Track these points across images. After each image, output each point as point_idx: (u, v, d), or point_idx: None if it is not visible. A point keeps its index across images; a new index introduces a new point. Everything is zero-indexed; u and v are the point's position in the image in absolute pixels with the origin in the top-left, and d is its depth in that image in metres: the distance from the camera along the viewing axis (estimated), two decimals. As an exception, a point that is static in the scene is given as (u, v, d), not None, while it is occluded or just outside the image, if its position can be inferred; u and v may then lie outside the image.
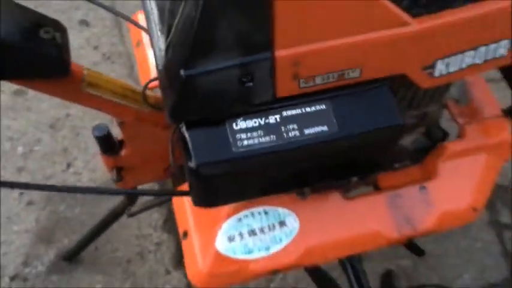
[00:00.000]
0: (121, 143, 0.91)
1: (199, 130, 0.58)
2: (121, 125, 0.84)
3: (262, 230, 0.80)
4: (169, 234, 1.37)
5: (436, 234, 1.26)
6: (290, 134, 0.58)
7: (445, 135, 0.89)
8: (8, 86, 1.63)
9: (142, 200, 1.15)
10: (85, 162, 1.48)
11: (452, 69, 0.62)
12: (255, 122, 0.58)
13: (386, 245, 0.82)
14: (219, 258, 0.78)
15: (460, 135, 0.87)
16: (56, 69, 0.65)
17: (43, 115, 1.56)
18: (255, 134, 0.58)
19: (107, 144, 0.87)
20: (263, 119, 0.58)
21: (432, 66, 0.61)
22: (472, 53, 0.62)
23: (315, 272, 0.97)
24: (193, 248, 0.80)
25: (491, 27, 0.61)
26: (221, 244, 0.79)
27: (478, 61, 0.63)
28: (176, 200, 0.85)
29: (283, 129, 0.58)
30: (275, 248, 0.80)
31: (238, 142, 0.57)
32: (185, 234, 0.82)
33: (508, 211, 1.38)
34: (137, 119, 0.82)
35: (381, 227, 0.82)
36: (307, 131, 0.58)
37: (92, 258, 1.34)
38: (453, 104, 0.88)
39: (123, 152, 0.91)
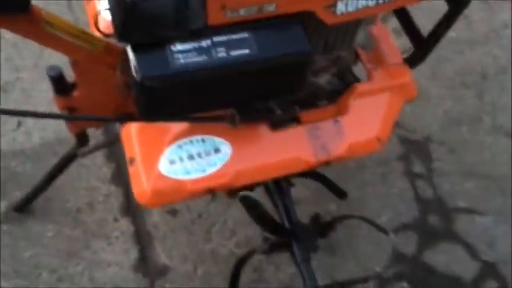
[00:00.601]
0: (73, 86, 1.01)
1: (143, 51, 0.70)
2: (73, 65, 0.94)
3: (199, 155, 0.93)
4: (117, 187, 1.47)
5: (353, 180, 1.49)
6: (219, 55, 0.71)
7: (356, 79, 1.05)
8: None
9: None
10: (35, 122, 1.55)
11: (350, 8, 0.77)
12: (190, 45, 0.71)
13: (305, 168, 0.97)
14: (161, 178, 0.91)
15: (368, 78, 1.02)
16: (17, 4, 0.75)
17: (-9, 78, 1.63)
18: (189, 54, 0.70)
19: (60, 85, 0.97)
20: (197, 43, 0.71)
21: (334, 5, 0.76)
22: (366, -5, 0.77)
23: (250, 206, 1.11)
24: (138, 172, 0.92)
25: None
26: (163, 167, 0.91)
27: (370, 3, 0.78)
28: (124, 131, 0.96)
29: (213, 52, 0.71)
30: (210, 171, 0.93)
31: (175, 60, 0.70)
32: (131, 160, 0.94)
33: (420, 163, 1.57)
34: (88, 59, 0.92)
35: (301, 154, 0.96)
36: (232, 53, 0.71)
37: (43, 209, 1.43)
38: (362, 51, 1.03)
39: (74, 93, 1.01)
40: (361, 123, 1.00)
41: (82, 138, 1.15)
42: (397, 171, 1.55)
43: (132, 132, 0.96)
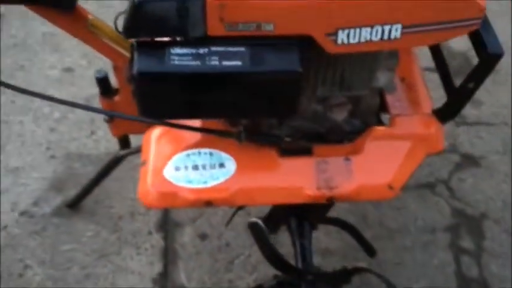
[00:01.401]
0: (117, 91, 1.11)
1: (145, 49, 0.77)
2: (115, 69, 1.05)
3: (204, 167, 0.97)
4: (160, 204, 1.55)
5: (391, 242, 1.41)
6: (212, 62, 0.76)
7: (379, 123, 1.03)
8: (61, 63, 1.90)
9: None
10: (105, 133, 1.70)
11: (352, 40, 0.78)
12: (188, 50, 0.76)
13: (305, 200, 0.96)
14: (164, 182, 0.95)
15: (390, 124, 1.01)
16: (63, 2, 0.87)
17: (82, 90, 1.82)
18: (185, 58, 0.76)
19: (104, 86, 1.08)
20: (194, 49, 0.77)
21: (335, 34, 0.77)
22: (368, 29, 0.77)
23: (258, 235, 1.11)
24: (146, 173, 0.98)
25: (386, 11, 0.77)
26: (168, 172, 0.96)
27: (374, 38, 0.78)
28: (145, 136, 1.03)
29: (207, 59, 0.76)
30: (211, 183, 0.96)
31: (171, 61, 0.76)
32: (144, 162, 1.00)
33: (470, 238, 1.46)
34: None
35: (303, 184, 0.96)
36: (224, 63, 0.76)
37: (91, 209, 1.54)
38: (390, 96, 1.02)
39: (116, 98, 1.11)
40: (374, 166, 0.98)
41: (124, 142, 1.25)
42: (441, 242, 1.46)
43: (151, 138, 1.03)
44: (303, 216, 1.17)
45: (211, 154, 0.98)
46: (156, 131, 1.02)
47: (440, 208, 1.52)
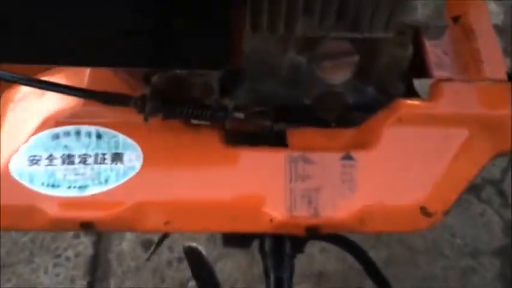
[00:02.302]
0: None
1: None
2: None
3: (84, 160, 0.54)
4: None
5: (414, 268, 0.99)
6: None
7: (411, 93, 0.59)
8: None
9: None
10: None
11: None
12: None
13: (267, 229, 0.53)
14: (7, 182, 0.53)
15: (432, 94, 0.56)
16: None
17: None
18: None
19: None
20: None
21: None
22: None
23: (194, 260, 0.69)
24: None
25: None
26: (17, 164, 0.54)
27: None
28: (3, 101, 0.61)
29: None
30: (94, 190, 0.53)
31: None
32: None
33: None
34: None
35: (265, 201, 0.53)
36: None
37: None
38: (432, 45, 0.58)
39: None
40: (395, 172, 0.54)
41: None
42: (487, 270, 1.02)
43: (9, 103, 0.60)
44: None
45: (99, 136, 0.55)
46: (17, 91, 0.60)
47: (487, 221, 1.08)
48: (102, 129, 0.54)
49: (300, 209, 0.52)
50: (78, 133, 0.54)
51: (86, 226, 0.52)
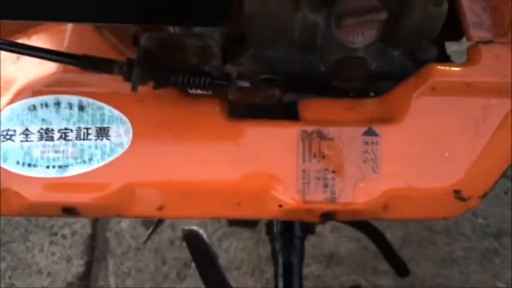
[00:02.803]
0: None
1: None
2: None
3: (65, 135, 0.47)
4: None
5: (433, 249, 0.93)
6: None
7: (444, 59, 0.51)
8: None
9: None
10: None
11: None
12: None
13: (273, 216, 0.47)
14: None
15: (469, 59, 0.48)
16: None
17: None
18: None
19: None
20: None
21: None
22: None
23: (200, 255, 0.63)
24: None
25: None
26: (-11, 140, 0.47)
27: None
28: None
29: None
30: (77, 170, 0.46)
31: None
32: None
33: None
34: None
35: (273, 184, 0.46)
36: None
37: None
38: (469, 1, 0.50)
39: None
40: (427, 149, 0.47)
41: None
42: (509, 260, 0.96)
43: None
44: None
45: (82, 108, 0.48)
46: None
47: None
48: (85, 100, 0.47)
49: (314, 193, 0.45)
50: (57, 104, 0.47)
51: (69, 211, 0.46)
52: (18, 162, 0.46)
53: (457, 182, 0.46)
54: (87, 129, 0.46)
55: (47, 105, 0.47)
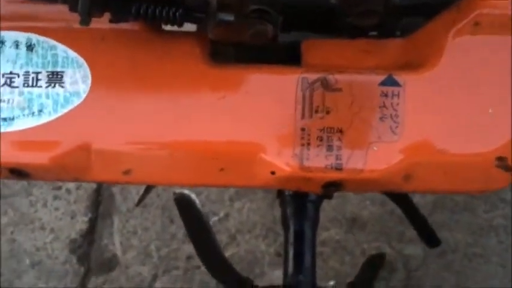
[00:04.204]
0: None
1: None
2: None
3: (10, 81, 0.39)
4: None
5: (464, 217, 0.83)
6: None
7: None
8: None
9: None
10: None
11: None
12: None
13: (263, 185, 0.37)
14: None
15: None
16: None
17: None
18: None
19: None
20: None
21: None
22: None
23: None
24: None
25: None
26: None
27: None
28: None
29: None
30: (25, 124, 0.38)
31: None
32: None
33: None
34: None
35: (265, 145, 0.37)
36: None
37: None
38: None
39: None
40: (464, 105, 0.37)
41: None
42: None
43: None
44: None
45: (31, 48, 0.39)
46: None
47: None
48: (35, 37, 0.38)
49: (314, 157, 0.36)
50: (1, 43, 0.39)
51: (18, 173, 0.38)
52: (-46, 114, 0.38)
53: (501, 147, 0.36)
54: (37, 73, 0.38)
55: (-12, 43, 0.39)
